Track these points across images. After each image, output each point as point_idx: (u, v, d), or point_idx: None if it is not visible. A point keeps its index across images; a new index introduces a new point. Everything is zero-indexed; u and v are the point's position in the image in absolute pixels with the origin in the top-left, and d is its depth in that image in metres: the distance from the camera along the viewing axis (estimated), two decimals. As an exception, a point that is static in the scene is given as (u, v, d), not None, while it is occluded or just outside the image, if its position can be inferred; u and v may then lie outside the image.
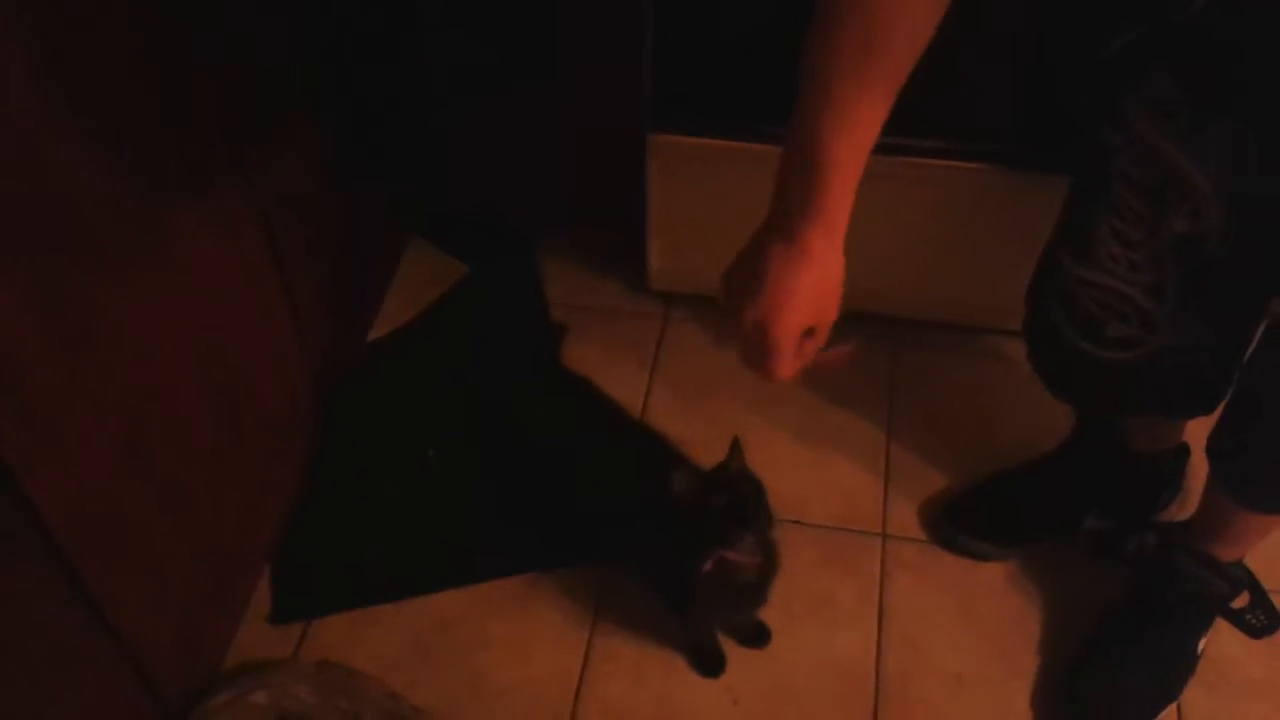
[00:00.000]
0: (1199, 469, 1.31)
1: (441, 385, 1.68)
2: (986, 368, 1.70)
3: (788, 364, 0.93)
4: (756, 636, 1.39)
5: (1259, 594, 1.35)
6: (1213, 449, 1.24)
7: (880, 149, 1.51)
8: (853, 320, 1.74)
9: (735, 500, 1.18)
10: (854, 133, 0.86)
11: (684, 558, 1.21)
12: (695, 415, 1.61)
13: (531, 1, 1.50)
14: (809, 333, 0.94)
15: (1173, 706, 1.33)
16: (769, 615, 1.40)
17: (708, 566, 1.19)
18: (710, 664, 1.37)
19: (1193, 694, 1.34)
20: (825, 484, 1.55)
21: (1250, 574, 1.35)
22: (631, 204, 1.63)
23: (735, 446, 1.22)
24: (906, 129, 1.47)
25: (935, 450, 1.59)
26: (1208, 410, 1.26)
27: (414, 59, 1.59)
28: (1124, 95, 1.05)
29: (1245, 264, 1.09)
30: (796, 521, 1.51)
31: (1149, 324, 1.15)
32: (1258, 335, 1.16)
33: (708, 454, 1.26)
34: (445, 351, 1.73)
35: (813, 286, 0.90)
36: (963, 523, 1.48)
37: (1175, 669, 1.34)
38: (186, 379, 1.21)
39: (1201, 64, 0.98)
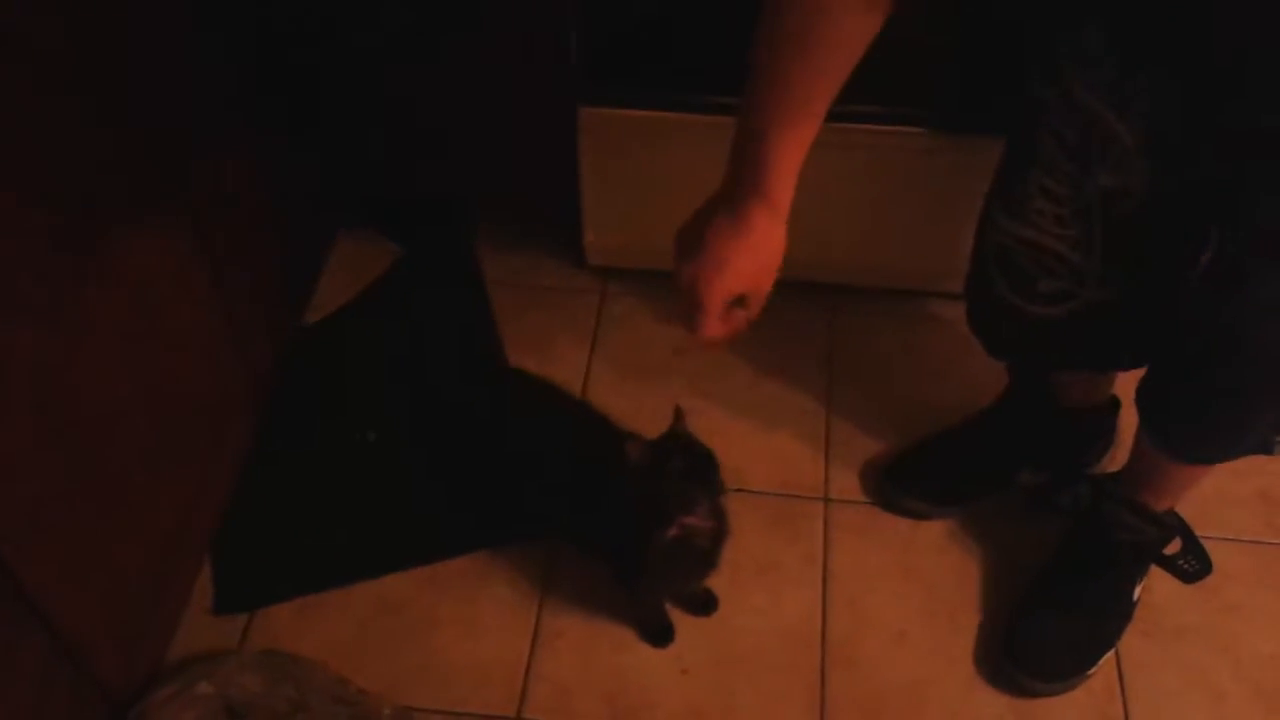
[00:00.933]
0: (1130, 421, 1.34)
1: (379, 367, 1.67)
2: (922, 330, 1.72)
3: (714, 325, 0.98)
4: (705, 604, 1.40)
5: (1191, 540, 1.39)
6: (1141, 401, 1.26)
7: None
8: (787, 287, 1.76)
9: (691, 465, 1.19)
10: (797, 123, 0.92)
11: (641, 527, 1.21)
12: (636, 389, 1.61)
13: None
14: (740, 301, 0.99)
15: (1111, 653, 1.36)
16: (715, 583, 1.41)
17: (673, 532, 1.19)
18: (659, 634, 1.38)
19: (1130, 640, 1.38)
20: (767, 451, 1.57)
21: (1182, 520, 1.38)
22: (566, 179, 1.63)
23: (678, 414, 1.23)
24: (839, 94, 1.49)
25: (873, 413, 1.61)
26: (1139, 364, 1.29)
27: (340, 37, 1.57)
28: (1055, 49, 1.06)
29: (1170, 216, 1.11)
30: (740, 489, 1.52)
31: (1078, 278, 1.17)
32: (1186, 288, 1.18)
33: (650, 427, 1.26)
34: (382, 334, 1.72)
35: (748, 257, 0.95)
36: (902, 484, 1.51)
37: (1112, 617, 1.37)
38: (116, 370, 1.19)
39: (1129, 15, 1.00)
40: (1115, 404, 1.50)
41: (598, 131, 1.55)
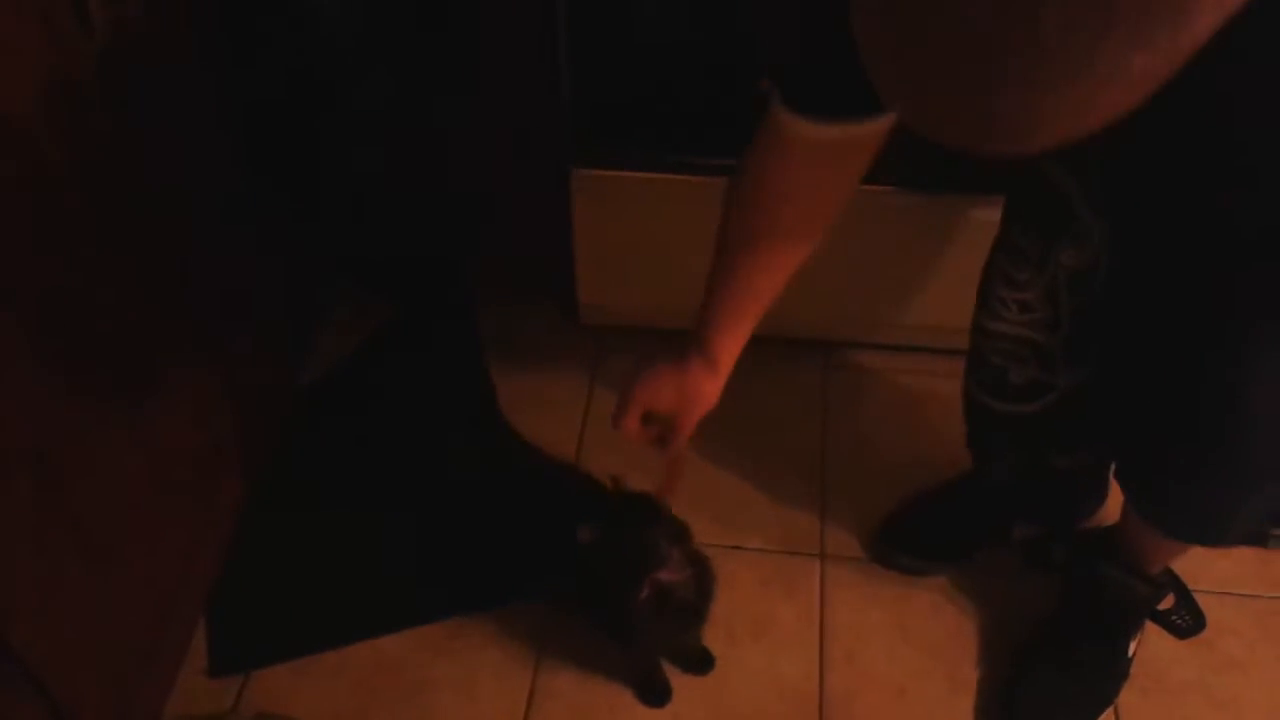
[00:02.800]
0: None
1: (375, 429, 1.67)
2: (916, 385, 1.73)
3: (628, 422, 1.13)
4: (700, 663, 1.40)
5: (1184, 595, 1.39)
6: (1122, 478, 1.26)
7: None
8: (781, 343, 1.77)
9: (648, 522, 1.20)
10: (736, 319, 1.08)
11: (616, 592, 1.21)
12: (631, 448, 1.61)
13: (451, 41, 1.51)
14: (661, 421, 1.15)
15: (1110, 711, 1.36)
16: (711, 641, 1.41)
17: (644, 593, 1.19)
18: (656, 694, 1.37)
19: (1128, 697, 1.37)
20: (762, 508, 1.57)
21: (1174, 576, 1.38)
22: (560, 240, 1.64)
23: (614, 480, 1.24)
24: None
25: (869, 469, 1.62)
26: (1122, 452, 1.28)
27: (334, 104, 1.59)
28: None
29: (1134, 291, 1.11)
30: (735, 547, 1.52)
31: (1048, 364, 1.18)
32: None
33: (646, 484, 1.26)
34: (377, 395, 1.72)
35: (674, 390, 1.12)
36: (898, 540, 1.51)
37: (1108, 674, 1.37)
38: (106, 431, 1.19)
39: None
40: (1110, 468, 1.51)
41: (591, 192, 1.57)
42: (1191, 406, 1.10)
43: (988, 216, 1.25)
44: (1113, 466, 1.48)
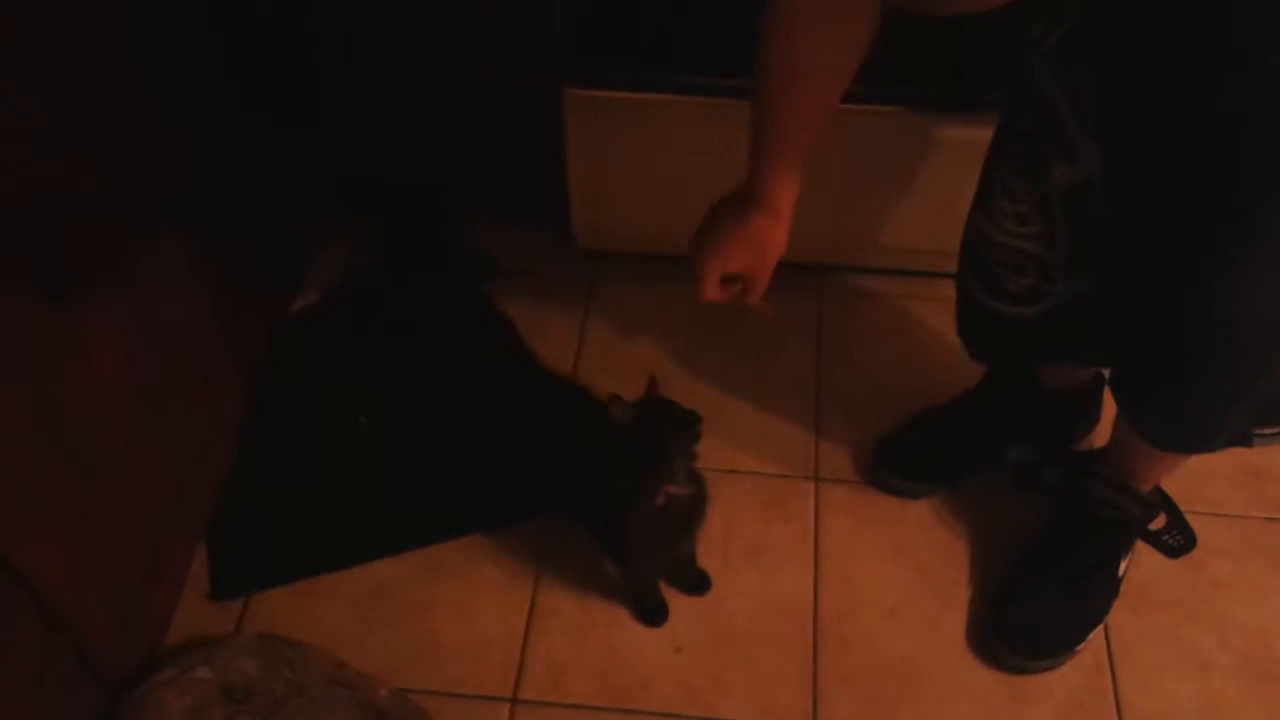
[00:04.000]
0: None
1: (370, 351, 1.67)
2: (911, 309, 1.73)
3: (707, 292, 1.15)
4: (698, 584, 1.42)
5: (1175, 515, 1.40)
6: (1117, 393, 1.27)
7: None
8: (776, 267, 1.76)
9: (675, 427, 1.21)
10: (782, 138, 1.07)
11: (627, 497, 1.22)
12: (626, 370, 1.62)
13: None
14: (736, 279, 1.16)
15: (1099, 629, 1.38)
16: (707, 563, 1.43)
17: (660, 500, 1.21)
18: (654, 613, 1.39)
19: (1118, 616, 1.39)
20: (757, 431, 1.58)
21: (1165, 496, 1.40)
22: (554, 162, 1.63)
23: (652, 382, 1.24)
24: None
25: (863, 392, 1.62)
26: (1114, 363, 1.30)
27: (318, 21, 1.56)
28: (1016, 30, 1.08)
29: (1137, 208, 1.12)
30: (731, 470, 1.53)
31: (1046, 274, 1.19)
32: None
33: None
34: (372, 317, 1.72)
35: (742, 246, 1.12)
36: (891, 462, 1.52)
37: (1098, 593, 1.39)
38: (103, 355, 1.19)
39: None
40: (1100, 380, 1.51)
41: (584, 113, 1.55)
42: (1181, 317, 1.12)
43: (984, 137, 1.24)
44: (1105, 384, 1.50)
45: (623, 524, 1.27)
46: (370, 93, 1.64)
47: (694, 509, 1.27)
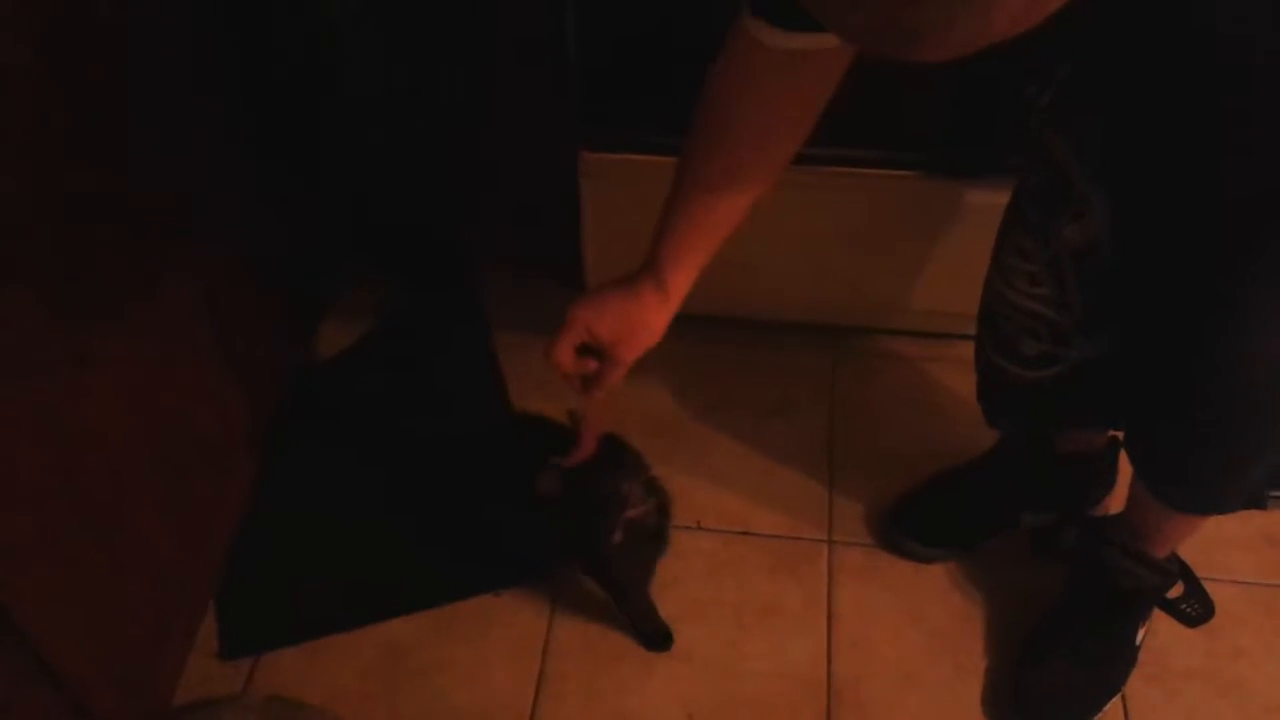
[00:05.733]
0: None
1: (383, 410, 1.67)
2: (925, 370, 1.73)
3: (562, 348, 1.08)
4: (662, 641, 1.42)
5: (1192, 583, 1.39)
6: (1131, 450, 1.26)
7: (811, 159, 1.54)
8: (791, 328, 1.77)
9: (609, 460, 1.21)
10: (695, 217, 1.03)
11: (591, 541, 1.23)
12: (640, 433, 1.61)
13: (459, 20, 1.50)
14: (600, 354, 1.09)
15: (1117, 699, 1.36)
16: (719, 627, 1.42)
17: (619, 537, 1.21)
18: (658, 639, 1.40)
19: (1135, 685, 1.37)
20: (770, 493, 1.57)
21: (1183, 564, 1.38)
22: (569, 223, 1.64)
23: (572, 417, 1.22)
24: (837, 139, 1.50)
25: (877, 455, 1.62)
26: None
27: (341, 83, 1.59)
28: (1024, 89, 1.09)
29: (1141, 269, 1.12)
30: (744, 533, 1.52)
31: (1059, 338, 1.18)
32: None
33: (655, 471, 1.27)
34: (385, 376, 1.72)
35: (620, 310, 1.06)
36: (906, 526, 1.51)
37: (1116, 662, 1.37)
38: (121, 413, 1.20)
39: (1081, 49, 1.02)
40: (1115, 445, 1.50)
41: (599, 176, 1.57)
42: (1194, 377, 1.11)
43: (1000, 201, 1.24)
44: (1120, 448, 1.49)
45: (594, 563, 1.27)
46: (392, 152, 1.65)
47: (660, 517, 1.28)
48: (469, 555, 1.49)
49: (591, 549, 1.25)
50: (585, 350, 1.10)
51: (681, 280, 1.05)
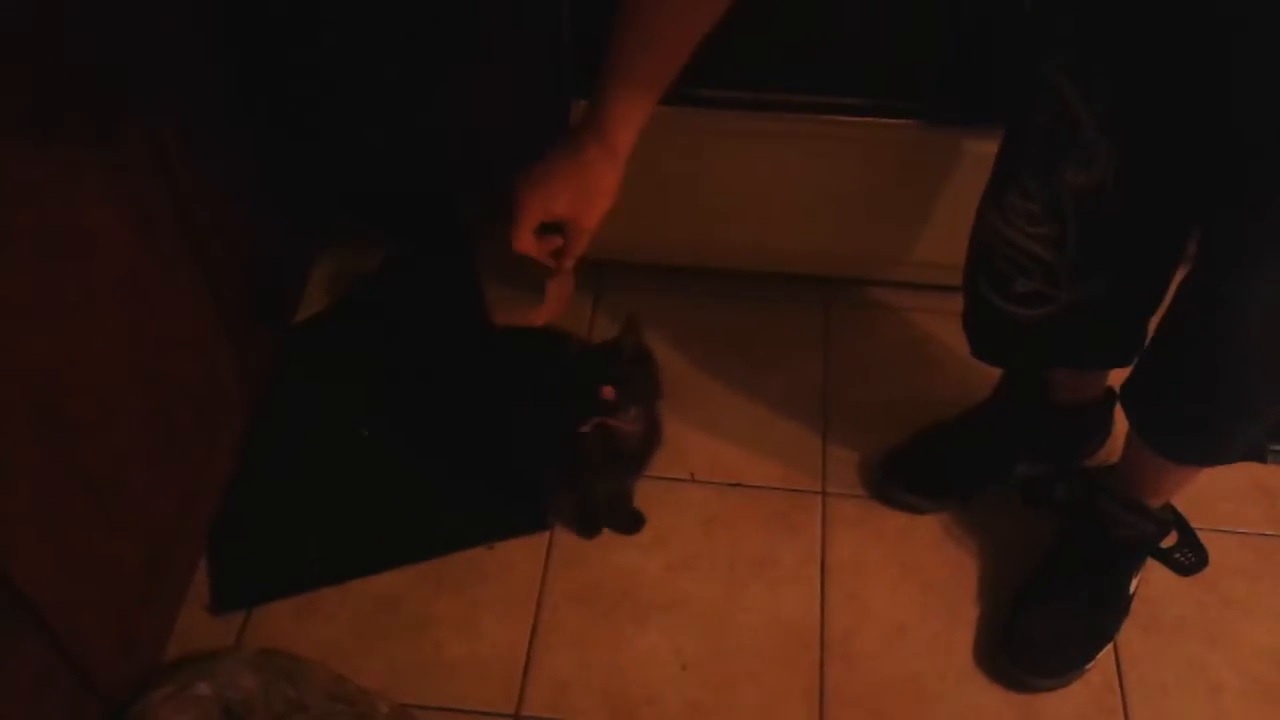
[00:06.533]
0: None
1: (371, 363, 1.66)
2: (919, 323, 1.72)
3: (524, 236, 1.06)
4: (630, 524, 1.46)
5: (1186, 533, 1.39)
6: (1128, 403, 1.26)
7: (805, 107, 1.53)
8: (783, 279, 1.76)
9: (629, 369, 1.22)
10: (637, 62, 0.99)
11: (567, 420, 1.24)
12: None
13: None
14: (558, 228, 1.08)
15: (1109, 647, 1.36)
16: (712, 578, 1.42)
17: (587, 428, 1.22)
18: (588, 527, 1.47)
19: (1128, 634, 1.38)
20: (764, 445, 1.56)
21: (1177, 513, 1.38)
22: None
23: (629, 322, 1.24)
24: (831, 87, 1.48)
25: (870, 406, 1.61)
26: (1123, 363, 1.29)
27: (330, 38, 1.56)
28: (1038, 38, 1.07)
29: (1151, 216, 1.11)
30: (737, 484, 1.52)
31: (1052, 279, 1.17)
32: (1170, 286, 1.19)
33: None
34: (374, 329, 1.71)
35: (572, 182, 1.04)
36: (899, 477, 1.50)
37: (1108, 610, 1.37)
38: (107, 365, 1.18)
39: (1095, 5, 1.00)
40: (1111, 396, 1.50)
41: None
42: (1192, 331, 1.11)
43: (993, 150, 1.23)
44: (1116, 399, 1.49)
45: (565, 445, 1.28)
46: (380, 106, 1.63)
47: (643, 447, 1.30)
48: (461, 508, 1.49)
49: (563, 441, 1.26)
50: (546, 228, 1.08)
51: (628, 136, 1.03)
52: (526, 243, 1.07)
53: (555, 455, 1.35)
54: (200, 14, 1.35)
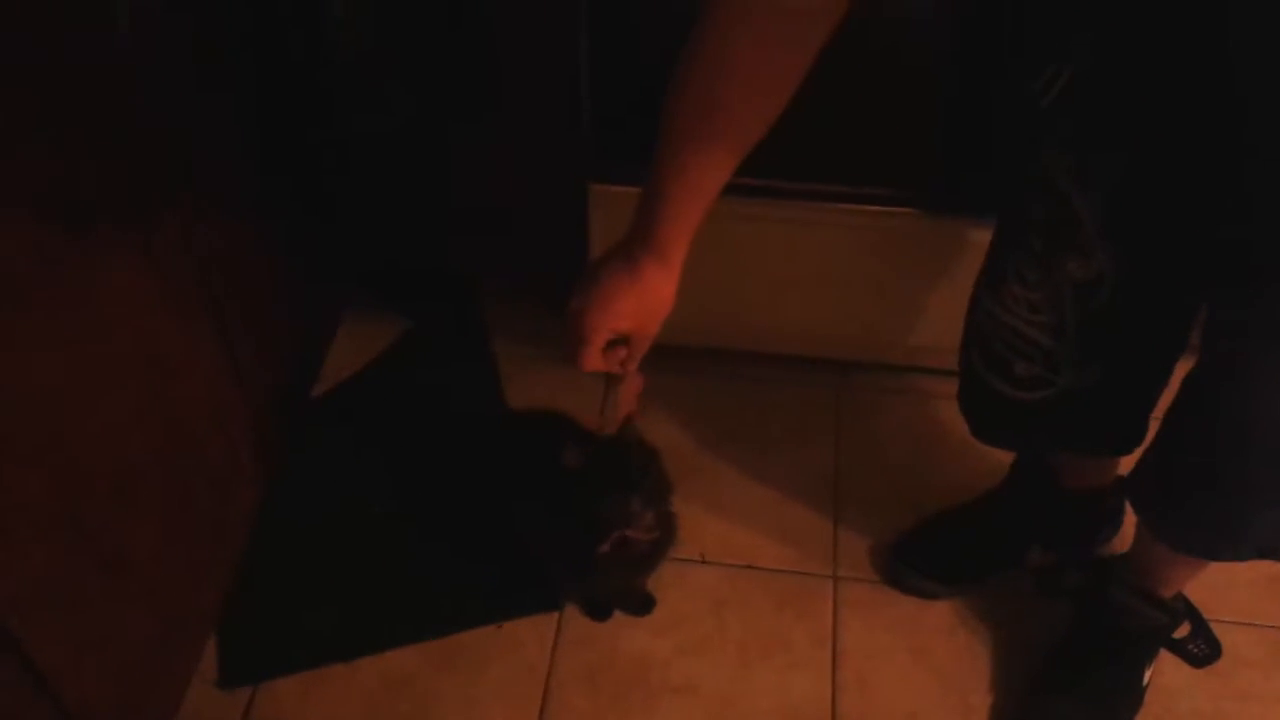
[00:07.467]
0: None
1: (384, 440, 1.67)
2: (930, 406, 1.73)
3: (593, 359, 1.07)
4: (642, 605, 1.46)
5: (1199, 623, 1.38)
6: (1132, 492, 1.26)
7: (817, 196, 1.55)
8: (795, 362, 1.77)
9: (632, 473, 1.21)
10: (688, 181, 0.98)
11: (584, 533, 1.23)
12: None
13: (468, 56, 1.51)
14: (623, 341, 1.08)
15: (1124, 740, 1.35)
16: (722, 661, 1.41)
17: (605, 548, 1.22)
18: (599, 612, 1.47)
19: (1142, 727, 1.36)
20: (775, 527, 1.56)
21: (1189, 604, 1.37)
22: (576, 256, 1.64)
23: (628, 421, 1.23)
24: (842, 177, 1.51)
25: (882, 489, 1.61)
26: (1125, 450, 1.29)
27: (347, 120, 1.59)
28: (1039, 136, 1.09)
29: (1151, 309, 1.12)
30: (749, 566, 1.52)
31: (1053, 364, 1.18)
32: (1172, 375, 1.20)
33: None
34: (388, 407, 1.72)
35: (634, 300, 1.03)
36: (911, 562, 1.50)
37: (1122, 702, 1.36)
38: (125, 437, 1.19)
39: (1095, 102, 1.02)
40: (1121, 485, 1.50)
41: (609, 208, 1.57)
42: (1194, 428, 1.11)
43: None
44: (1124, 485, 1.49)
45: (582, 555, 1.27)
46: (400, 185, 1.66)
47: (654, 551, 1.29)
48: (471, 587, 1.48)
49: (577, 548, 1.25)
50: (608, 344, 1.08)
51: (682, 249, 1.02)
52: (595, 364, 1.08)
53: (565, 553, 1.34)
54: (222, 89, 1.39)
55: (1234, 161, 0.95)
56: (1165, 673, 1.40)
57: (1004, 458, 1.50)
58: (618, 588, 1.44)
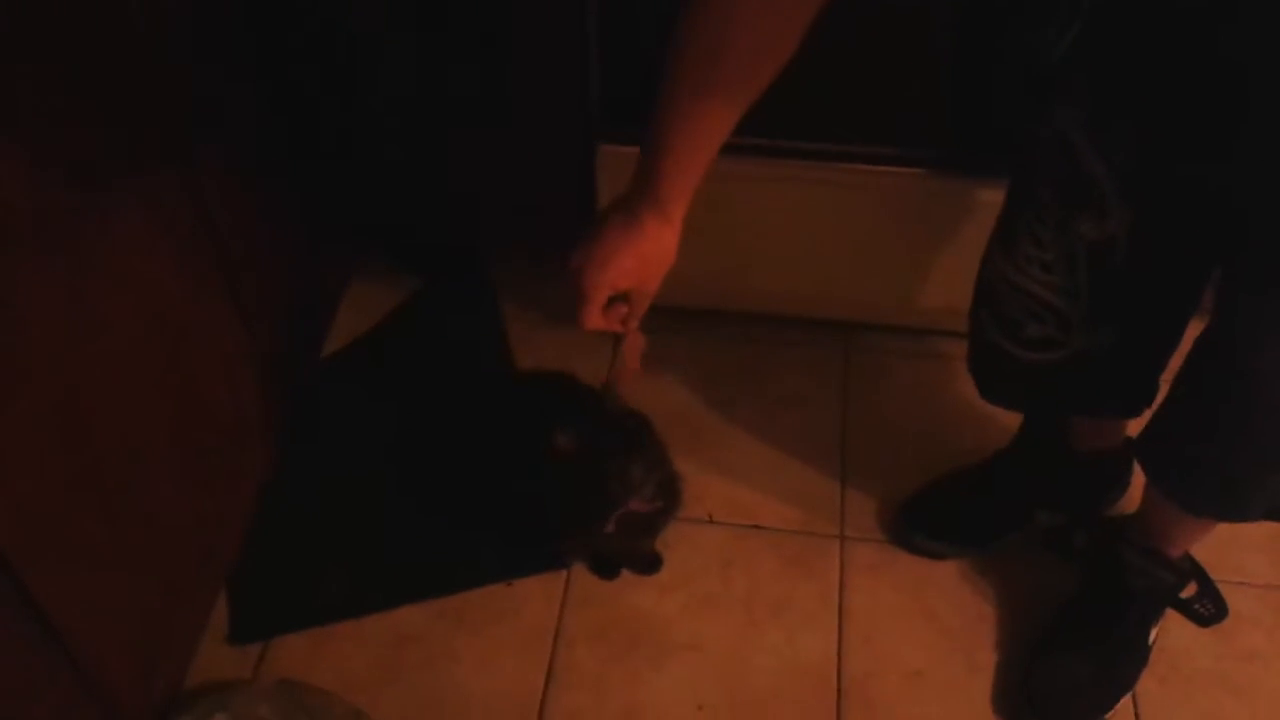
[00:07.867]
0: (1145, 463, 1.34)
1: (395, 398, 1.68)
2: (938, 368, 1.72)
3: (594, 316, 1.07)
4: (649, 565, 1.46)
5: (1206, 583, 1.38)
6: (1141, 450, 1.26)
7: (823, 155, 1.54)
8: (803, 323, 1.77)
9: (626, 445, 1.21)
10: (691, 133, 0.96)
11: (585, 517, 1.24)
12: (655, 420, 1.61)
13: (480, 31, 1.50)
14: (624, 298, 1.07)
15: (1128, 698, 1.35)
16: (729, 621, 1.42)
17: (611, 527, 1.22)
18: (607, 571, 1.47)
19: (1146, 684, 1.37)
20: (782, 488, 1.57)
21: (1197, 563, 1.38)
22: (585, 217, 1.63)
23: (606, 388, 1.23)
24: (850, 136, 1.50)
25: (890, 451, 1.61)
26: (1132, 414, 1.29)
27: (363, 77, 1.59)
28: (1053, 94, 1.08)
29: (1163, 270, 1.12)
30: (755, 526, 1.52)
31: (1065, 325, 1.18)
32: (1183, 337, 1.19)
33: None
34: (400, 366, 1.73)
35: (635, 255, 1.02)
36: (918, 522, 1.50)
37: (1127, 661, 1.37)
38: (136, 393, 1.20)
39: (1112, 62, 1.01)
40: (1130, 446, 1.50)
41: (617, 169, 1.56)
42: (1205, 386, 1.12)
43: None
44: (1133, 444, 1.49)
45: (586, 532, 1.30)
46: (410, 146, 1.65)
47: (659, 517, 1.30)
48: (480, 544, 1.49)
49: (581, 523, 1.25)
50: (609, 300, 1.08)
51: (683, 204, 1.01)
52: (596, 321, 1.08)
53: (569, 525, 1.35)
54: (235, 51, 1.38)
55: (1235, 121, 0.95)
56: (1171, 632, 1.40)
57: (1013, 419, 1.50)
58: (625, 549, 1.45)
